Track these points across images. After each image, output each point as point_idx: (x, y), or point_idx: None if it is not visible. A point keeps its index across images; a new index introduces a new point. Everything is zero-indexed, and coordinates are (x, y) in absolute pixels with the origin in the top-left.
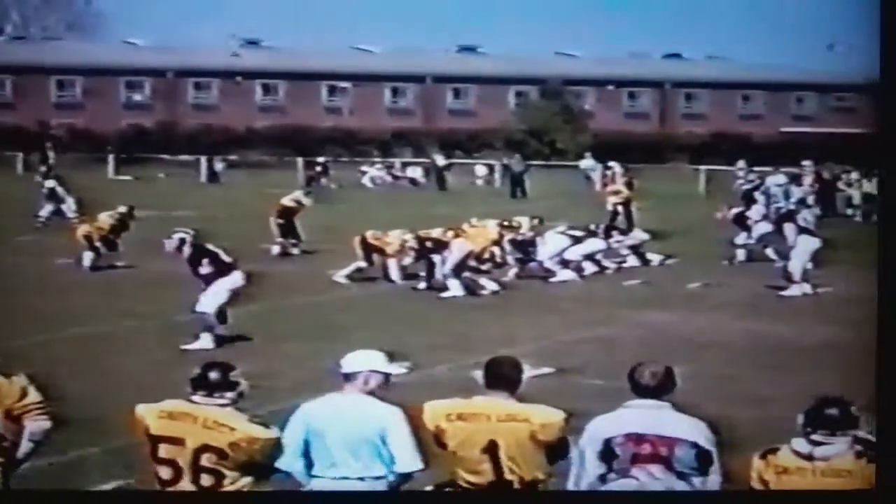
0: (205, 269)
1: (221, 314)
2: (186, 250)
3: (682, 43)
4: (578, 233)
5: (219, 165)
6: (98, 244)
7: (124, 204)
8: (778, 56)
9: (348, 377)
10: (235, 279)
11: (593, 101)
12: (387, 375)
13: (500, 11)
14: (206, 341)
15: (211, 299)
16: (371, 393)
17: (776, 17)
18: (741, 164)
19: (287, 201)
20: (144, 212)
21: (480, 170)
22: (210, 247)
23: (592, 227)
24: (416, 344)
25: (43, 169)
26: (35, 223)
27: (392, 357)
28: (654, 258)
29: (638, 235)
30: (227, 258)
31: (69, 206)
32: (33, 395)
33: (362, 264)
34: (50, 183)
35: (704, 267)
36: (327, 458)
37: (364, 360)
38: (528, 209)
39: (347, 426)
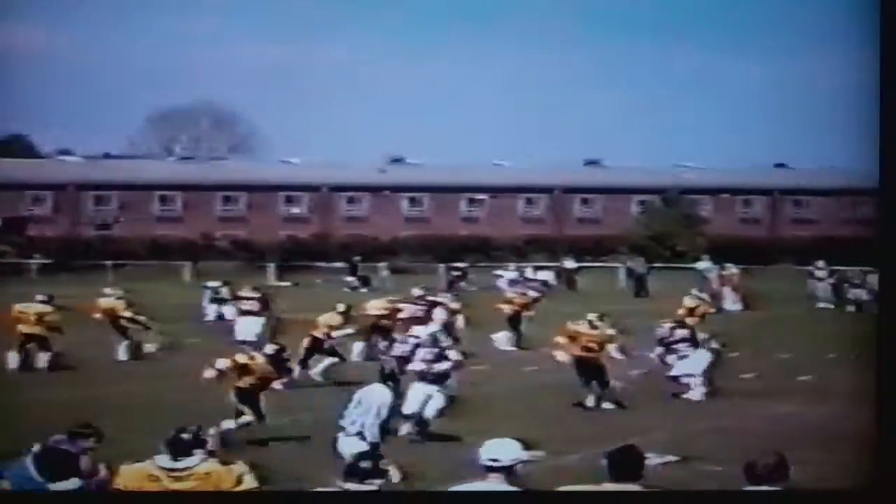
0: None
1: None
2: None
3: (790, 153)
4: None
5: (384, 273)
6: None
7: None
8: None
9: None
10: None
11: (710, 207)
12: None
13: (624, 127)
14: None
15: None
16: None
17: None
18: (821, 263)
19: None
20: (303, 315)
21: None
22: None
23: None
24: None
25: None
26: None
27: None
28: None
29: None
30: None
31: (230, 311)
32: (249, 482)
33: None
34: (213, 284)
35: (812, 361)
36: None
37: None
38: (650, 307)
39: None
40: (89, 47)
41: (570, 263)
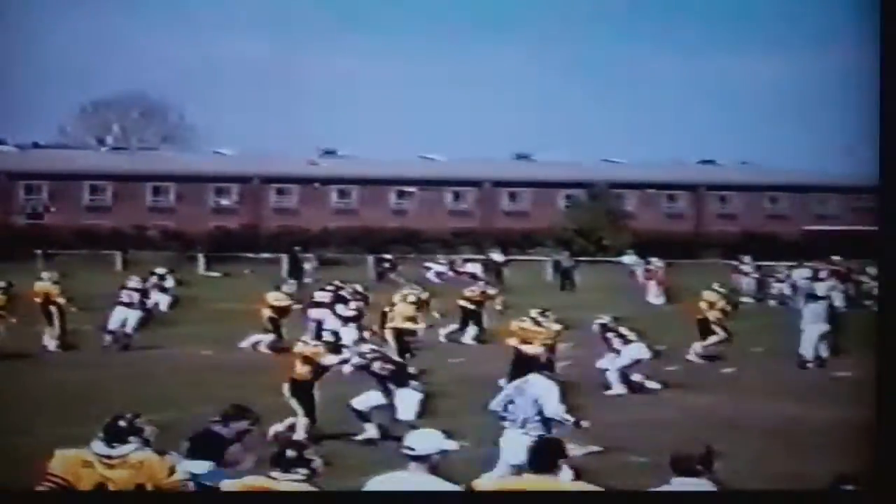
0: None
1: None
2: None
3: (716, 149)
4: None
5: (311, 263)
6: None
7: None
8: (802, 160)
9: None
10: None
11: (636, 202)
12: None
13: (553, 123)
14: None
15: None
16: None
17: (805, 124)
18: (747, 258)
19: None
20: (229, 304)
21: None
22: None
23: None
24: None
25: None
26: None
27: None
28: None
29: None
30: None
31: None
32: (181, 473)
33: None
34: (160, 271)
35: (736, 354)
36: None
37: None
38: (576, 300)
39: None
40: (20, 38)
41: (497, 256)
